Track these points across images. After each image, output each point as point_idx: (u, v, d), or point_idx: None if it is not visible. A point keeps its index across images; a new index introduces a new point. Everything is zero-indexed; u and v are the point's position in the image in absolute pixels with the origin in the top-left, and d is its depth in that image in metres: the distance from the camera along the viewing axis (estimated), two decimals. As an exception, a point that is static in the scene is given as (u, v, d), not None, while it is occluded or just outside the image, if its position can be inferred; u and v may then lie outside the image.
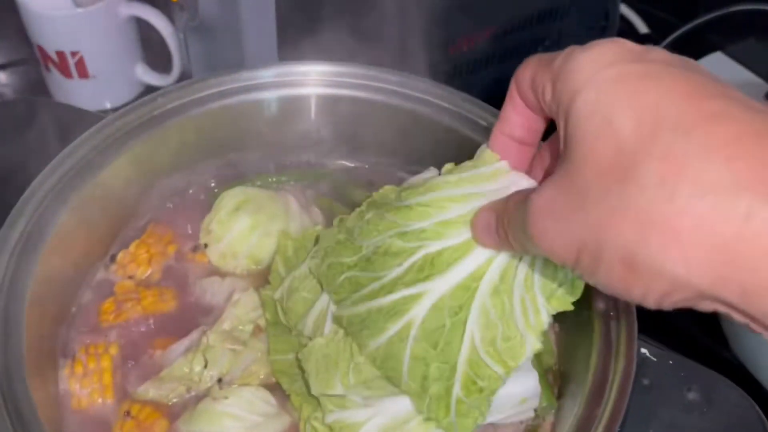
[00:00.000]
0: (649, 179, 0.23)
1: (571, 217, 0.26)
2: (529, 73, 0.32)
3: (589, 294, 0.42)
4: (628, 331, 0.38)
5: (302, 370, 0.41)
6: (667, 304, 0.25)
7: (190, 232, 0.49)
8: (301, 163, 0.54)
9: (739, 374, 0.60)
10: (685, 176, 0.23)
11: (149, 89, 0.80)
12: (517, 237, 0.30)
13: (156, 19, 0.72)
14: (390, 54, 0.69)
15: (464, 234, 0.36)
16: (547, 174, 0.37)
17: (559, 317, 0.46)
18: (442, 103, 0.50)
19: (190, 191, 0.51)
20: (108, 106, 0.79)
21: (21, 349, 0.37)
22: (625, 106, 0.25)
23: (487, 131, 0.48)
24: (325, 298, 0.41)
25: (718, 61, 0.86)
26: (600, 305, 0.40)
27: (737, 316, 0.24)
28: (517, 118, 0.35)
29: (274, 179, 0.53)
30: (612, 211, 0.24)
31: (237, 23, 0.61)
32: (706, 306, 0.24)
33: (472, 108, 0.50)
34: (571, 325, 0.44)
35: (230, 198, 0.48)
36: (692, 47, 0.87)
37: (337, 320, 0.40)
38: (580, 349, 0.41)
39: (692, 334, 0.63)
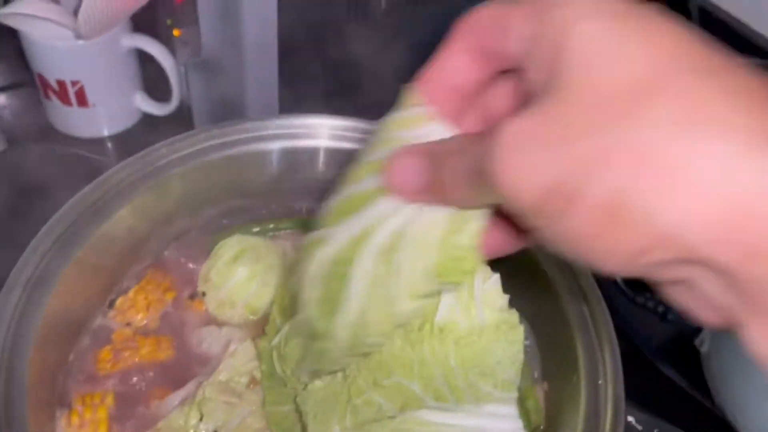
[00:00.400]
0: (660, 115, 0.21)
1: (550, 151, 0.22)
2: (488, 12, 0.28)
3: (577, 357, 0.43)
4: (615, 400, 0.39)
5: (300, 414, 0.41)
6: (634, 267, 0.22)
7: (188, 278, 0.50)
8: (300, 211, 0.55)
9: (724, 428, 0.61)
10: (705, 116, 0.20)
11: (147, 116, 0.81)
12: (463, 180, 0.26)
13: (158, 52, 0.73)
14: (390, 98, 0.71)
15: (372, 181, 0.33)
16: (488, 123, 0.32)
17: (548, 376, 0.47)
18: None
19: (190, 237, 0.52)
20: (105, 133, 0.79)
21: (23, 402, 0.38)
22: (637, 39, 0.22)
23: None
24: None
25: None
26: (588, 371, 0.42)
27: (713, 285, 0.22)
28: (458, 65, 0.30)
29: (273, 226, 0.54)
30: (606, 146, 0.21)
31: (239, 62, 0.62)
32: (678, 272, 0.22)
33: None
34: (559, 386, 0.45)
35: (229, 247, 0.49)
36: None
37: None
38: (568, 412, 0.42)
39: (676, 390, 0.64)
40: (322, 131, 0.51)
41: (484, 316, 0.37)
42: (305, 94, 0.64)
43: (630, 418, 0.42)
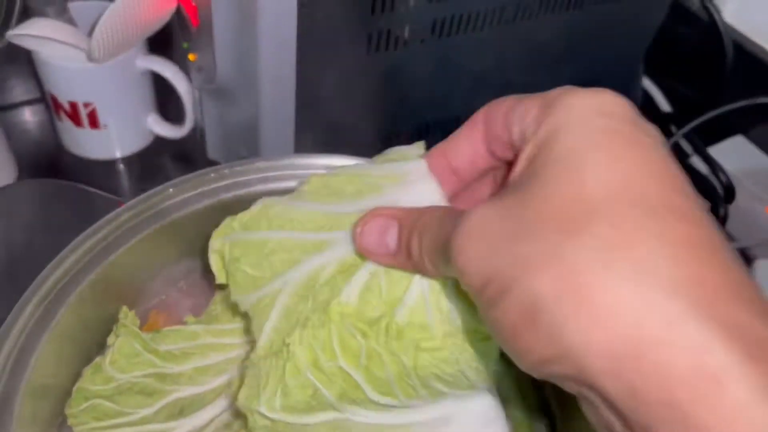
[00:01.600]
0: (593, 241, 0.22)
1: (501, 244, 0.24)
2: (508, 102, 0.30)
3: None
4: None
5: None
6: (539, 372, 0.23)
7: (184, 320, 0.47)
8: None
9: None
10: (629, 252, 0.21)
11: (160, 139, 0.79)
12: (429, 251, 0.28)
13: (172, 75, 0.71)
14: (414, 133, 0.68)
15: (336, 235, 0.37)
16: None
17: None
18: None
19: (195, 276, 0.49)
20: (118, 155, 0.78)
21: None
22: (600, 161, 0.24)
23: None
24: (276, 284, 0.37)
25: (739, 146, 0.85)
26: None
27: (606, 412, 0.22)
28: (467, 149, 0.33)
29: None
30: (543, 256, 0.22)
31: (255, 93, 0.59)
32: (579, 389, 0.23)
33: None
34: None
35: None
36: (715, 128, 0.86)
37: None
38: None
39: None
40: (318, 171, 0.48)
41: (455, 319, 0.34)
42: (324, 129, 0.61)
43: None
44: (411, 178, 0.37)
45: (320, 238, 0.38)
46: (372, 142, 0.66)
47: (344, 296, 0.35)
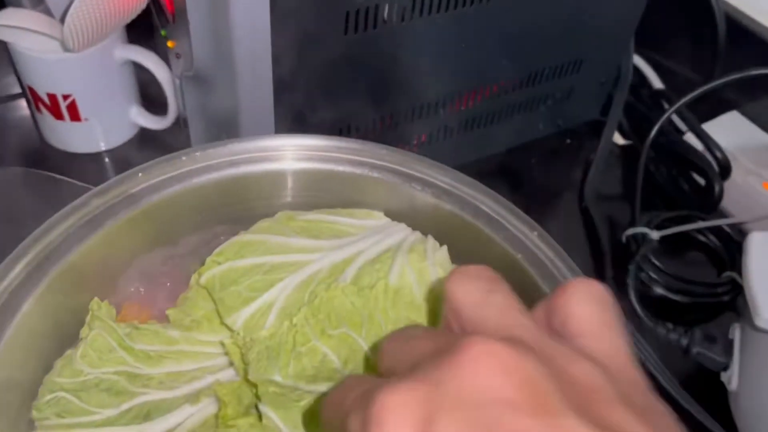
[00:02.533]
0: None
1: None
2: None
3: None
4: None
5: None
6: None
7: (166, 312, 0.46)
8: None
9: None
10: None
11: (144, 131, 0.78)
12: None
13: (153, 64, 0.70)
14: (393, 116, 0.67)
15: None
16: None
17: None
18: (442, 185, 0.47)
19: (171, 266, 0.48)
20: (102, 147, 0.76)
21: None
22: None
23: (489, 218, 0.45)
24: (270, 295, 0.42)
25: (734, 121, 0.83)
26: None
27: None
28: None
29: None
30: None
31: (232, 77, 0.58)
32: None
33: (473, 192, 0.47)
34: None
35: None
36: (709, 104, 0.84)
37: None
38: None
39: (701, 422, 0.59)
40: (314, 152, 0.47)
41: (438, 279, 0.42)
42: (303, 114, 0.60)
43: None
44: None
45: (310, 258, 0.44)
46: (353, 126, 0.64)
47: (341, 280, 0.42)
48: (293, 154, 0.47)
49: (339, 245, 0.45)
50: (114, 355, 0.42)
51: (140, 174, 0.43)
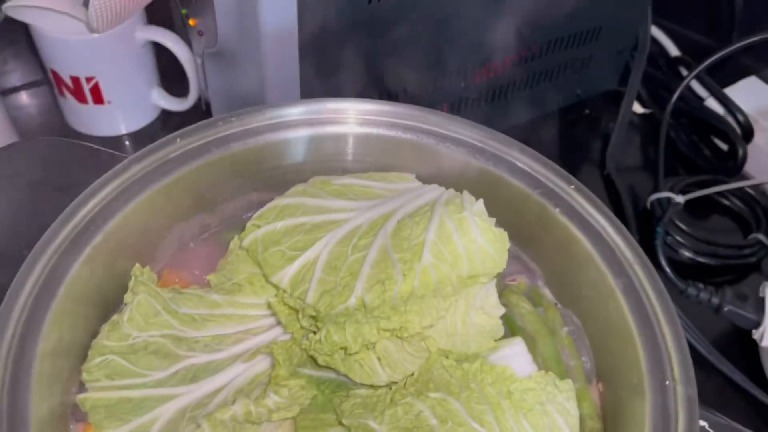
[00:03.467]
0: None
1: None
2: None
3: (637, 354, 0.39)
4: (688, 404, 0.35)
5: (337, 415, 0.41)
6: None
7: (205, 278, 0.46)
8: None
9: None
10: None
11: (165, 113, 0.78)
12: None
13: (173, 44, 0.70)
14: (416, 86, 0.67)
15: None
16: None
17: (604, 376, 0.43)
18: (477, 144, 0.47)
19: (208, 234, 0.49)
20: (123, 131, 0.77)
21: (28, 412, 0.35)
22: None
23: (525, 174, 0.46)
24: (313, 252, 0.43)
25: (753, 86, 0.83)
26: (652, 370, 0.37)
27: None
28: None
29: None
30: None
31: (257, 52, 0.58)
32: None
33: (507, 149, 0.47)
34: (618, 387, 0.41)
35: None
36: (726, 71, 0.84)
37: None
38: (629, 417, 0.38)
39: (734, 387, 0.59)
40: (349, 116, 0.47)
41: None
42: (329, 87, 0.60)
43: (703, 423, 0.38)
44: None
45: (348, 216, 0.45)
46: (377, 97, 0.64)
47: (381, 233, 0.44)
48: (326, 117, 0.48)
49: (375, 204, 0.45)
50: (159, 318, 0.42)
51: (178, 139, 0.43)
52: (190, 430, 0.39)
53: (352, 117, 0.48)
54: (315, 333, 0.41)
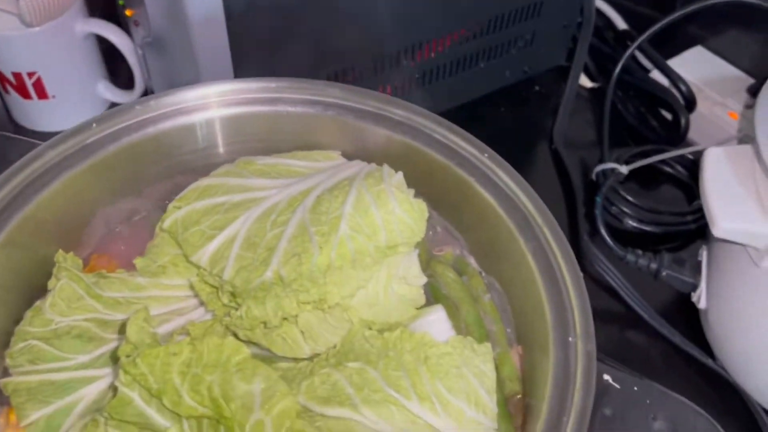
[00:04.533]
0: None
1: None
2: None
3: (545, 314, 0.40)
4: (587, 359, 0.36)
5: None
6: None
7: (134, 261, 0.47)
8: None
9: (722, 383, 0.58)
10: None
11: (113, 106, 0.78)
12: None
13: (114, 35, 0.70)
14: (357, 67, 0.67)
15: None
16: None
17: (522, 339, 0.44)
18: (397, 118, 0.48)
19: (136, 218, 0.49)
20: (71, 125, 0.77)
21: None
22: None
23: (443, 146, 0.46)
24: (231, 230, 0.43)
25: (699, 55, 0.84)
26: (556, 328, 0.38)
27: None
28: None
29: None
30: None
31: (187, 38, 0.58)
32: None
33: (426, 122, 0.48)
34: (532, 349, 0.42)
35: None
36: (672, 41, 0.85)
37: None
38: (539, 376, 0.39)
39: (676, 351, 0.60)
40: (260, 95, 0.48)
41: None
42: (263, 71, 0.60)
43: (606, 377, 0.38)
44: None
45: (267, 194, 0.45)
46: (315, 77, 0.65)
47: (299, 209, 0.44)
48: (252, 97, 0.48)
49: (296, 182, 0.46)
50: (83, 303, 0.43)
51: (94, 125, 0.44)
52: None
53: (264, 96, 0.48)
54: (236, 310, 0.42)
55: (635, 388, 0.38)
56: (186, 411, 0.37)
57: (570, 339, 0.37)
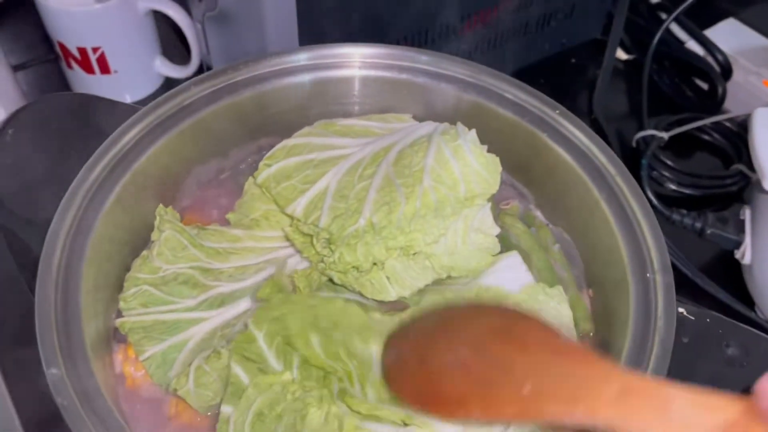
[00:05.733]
0: None
1: None
2: None
3: (621, 255, 0.43)
4: (666, 290, 0.39)
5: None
6: None
7: (225, 217, 0.50)
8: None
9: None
10: None
11: (169, 82, 0.81)
12: None
13: (173, 11, 0.73)
14: (404, 35, 0.70)
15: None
16: None
17: (593, 282, 0.47)
18: (468, 79, 0.51)
19: (224, 176, 0.52)
20: (129, 100, 0.80)
21: (81, 334, 0.39)
22: None
23: (514, 105, 0.49)
24: (323, 183, 0.46)
25: (731, 27, 0.87)
26: (634, 267, 0.41)
27: None
28: None
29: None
30: None
31: (257, 11, 0.61)
32: None
33: (496, 82, 0.51)
34: (606, 289, 0.45)
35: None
36: (704, 13, 0.87)
37: None
38: (617, 312, 0.42)
39: (719, 299, 0.63)
40: (354, 60, 0.51)
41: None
42: (326, 37, 0.63)
43: (681, 310, 0.42)
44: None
45: (351, 151, 0.48)
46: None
47: (384, 162, 0.48)
48: (328, 62, 0.51)
49: (375, 140, 0.49)
50: (187, 252, 0.46)
51: (192, 87, 0.47)
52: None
53: (353, 61, 0.51)
54: (330, 256, 0.45)
55: (708, 320, 0.42)
56: (315, 359, 0.40)
57: (648, 275, 0.40)
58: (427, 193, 0.46)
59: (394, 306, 0.45)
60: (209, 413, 0.42)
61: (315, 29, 0.63)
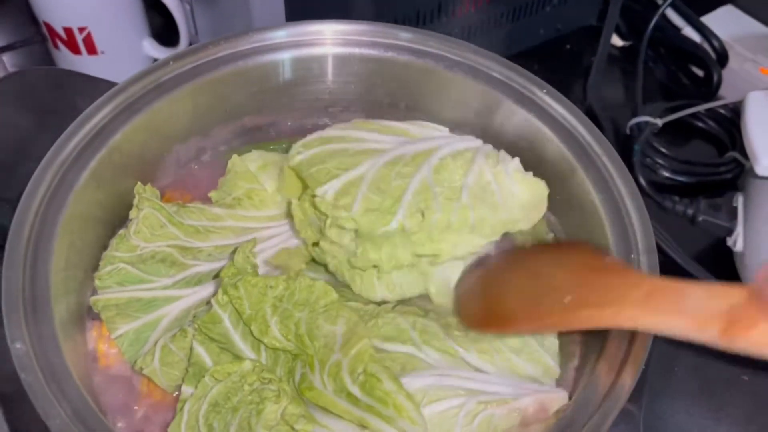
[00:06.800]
0: None
1: None
2: None
3: (606, 235, 0.42)
4: (650, 272, 0.38)
5: None
6: None
7: (207, 196, 0.49)
8: (316, 126, 0.54)
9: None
10: None
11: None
12: None
13: (162, -9, 0.72)
14: (395, 16, 0.69)
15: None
16: None
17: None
18: (454, 57, 0.50)
19: (205, 156, 0.51)
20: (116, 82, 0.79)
21: (50, 310, 0.38)
22: None
23: (500, 83, 0.48)
24: (359, 170, 0.45)
25: (729, 14, 0.85)
26: (619, 247, 0.41)
27: None
28: None
29: (287, 144, 0.53)
30: None
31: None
32: None
33: (484, 60, 0.50)
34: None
35: (251, 162, 0.49)
36: (704, 1, 0.86)
37: None
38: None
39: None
40: (328, 37, 0.50)
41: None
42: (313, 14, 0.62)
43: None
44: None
45: (389, 147, 0.47)
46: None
47: (424, 165, 0.46)
48: (309, 39, 0.50)
49: (415, 141, 0.48)
50: (165, 230, 0.45)
51: (171, 62, 0.46)
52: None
53: (331, 38, 0.50)
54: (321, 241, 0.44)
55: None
56: (271, 341, 0.39)
57: (632, 256, 0.40)
58: (465, 209, 0.44)
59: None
60: (176, 393, 0.41)
61: (305, 9, 0.62)
